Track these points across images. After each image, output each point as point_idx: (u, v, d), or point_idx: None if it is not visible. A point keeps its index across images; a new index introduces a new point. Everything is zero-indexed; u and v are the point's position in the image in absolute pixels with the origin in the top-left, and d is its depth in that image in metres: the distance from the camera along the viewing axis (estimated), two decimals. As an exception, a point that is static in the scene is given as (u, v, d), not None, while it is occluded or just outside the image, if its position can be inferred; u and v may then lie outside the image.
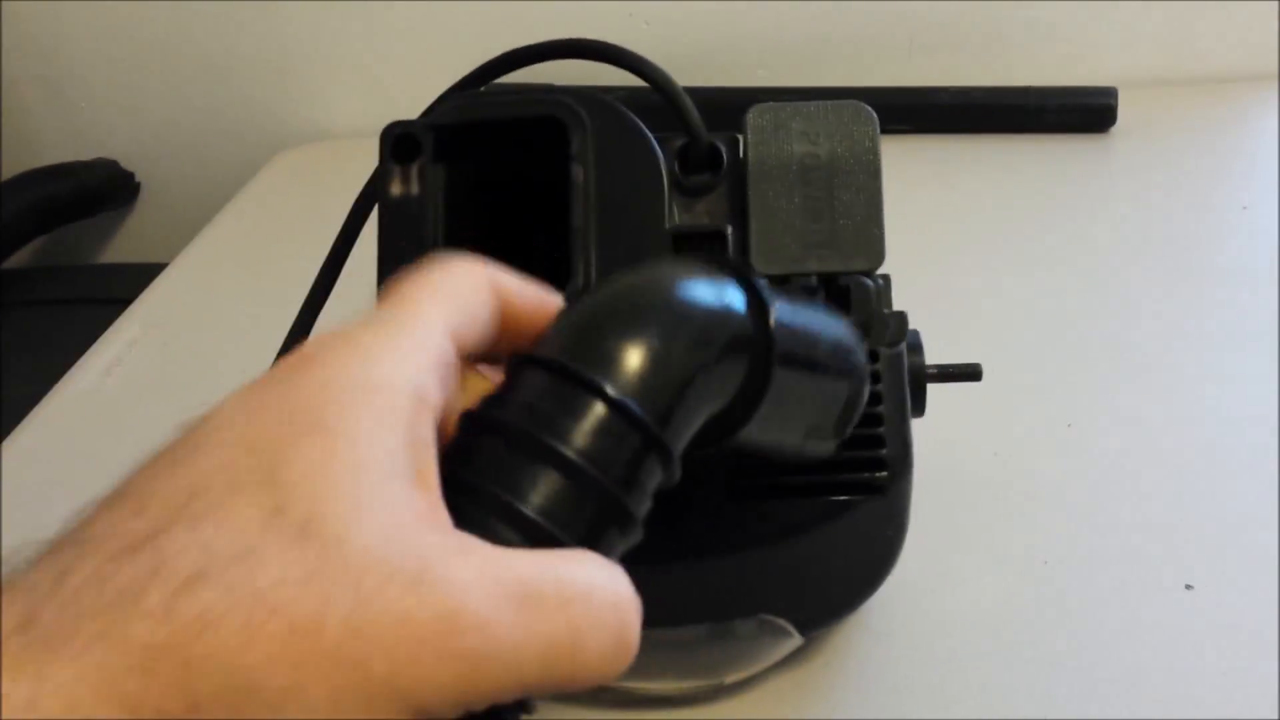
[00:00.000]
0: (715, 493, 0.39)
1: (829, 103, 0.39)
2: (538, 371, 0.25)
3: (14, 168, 1.03)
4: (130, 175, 1.07)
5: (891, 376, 0.40)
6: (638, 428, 0.24)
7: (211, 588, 0.19)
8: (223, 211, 0.92)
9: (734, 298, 0.28)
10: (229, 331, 0.73)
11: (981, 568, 0.49)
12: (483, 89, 0.43)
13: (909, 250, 0.46)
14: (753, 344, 0.28)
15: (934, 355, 0.43)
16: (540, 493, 0.23)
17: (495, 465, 0.23)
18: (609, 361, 0.25)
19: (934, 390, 0.42)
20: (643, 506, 0.25)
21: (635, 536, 0.25)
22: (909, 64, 0.93)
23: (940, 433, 0.44)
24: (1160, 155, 0.81)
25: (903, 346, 0.40)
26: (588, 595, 0.22)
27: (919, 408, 0.42)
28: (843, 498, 0.39)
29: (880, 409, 0.39)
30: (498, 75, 0.43)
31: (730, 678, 0.43)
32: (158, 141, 1.07)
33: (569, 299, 0.28)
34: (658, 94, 0.40)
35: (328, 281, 0.44)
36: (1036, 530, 0.51)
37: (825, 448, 0.35)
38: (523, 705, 0.23)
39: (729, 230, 0.39)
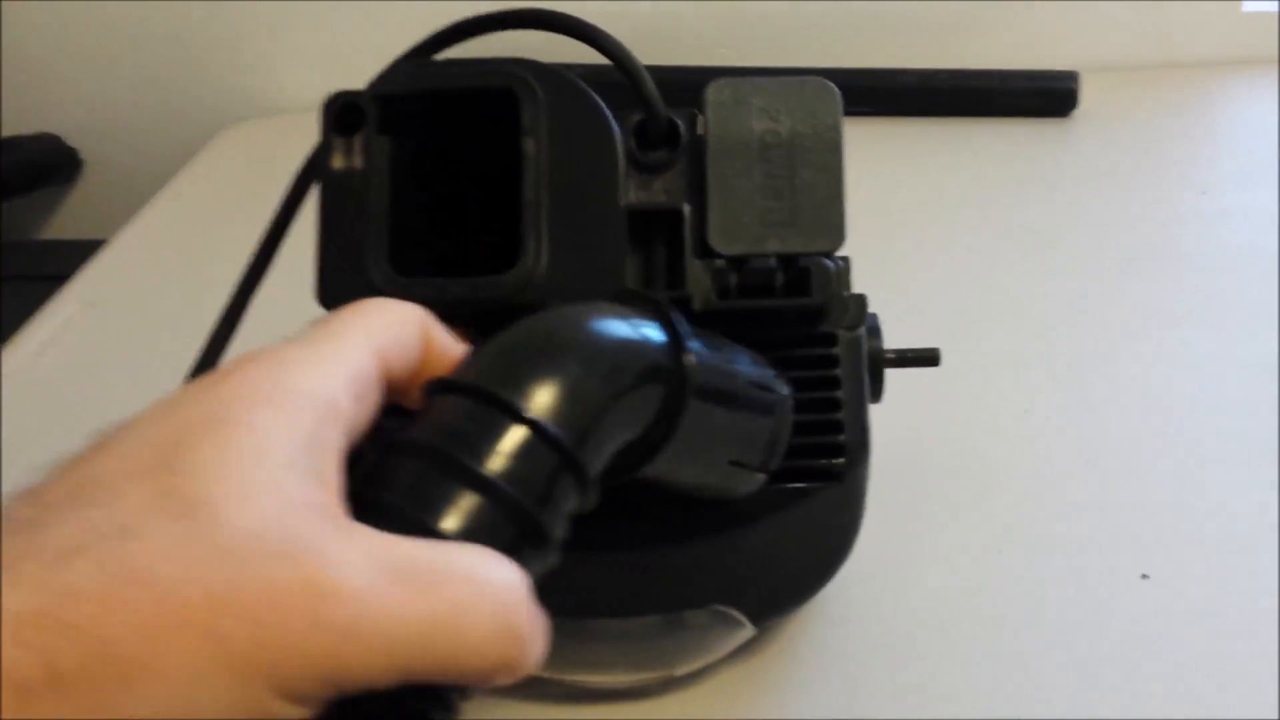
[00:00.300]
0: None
1: (791, 79, 0.38)
2: (454, 395, 0.25)
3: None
4: (73, 151, 1.04)
5: (850, 360, 0.39)
6: (555, 448, 0.24)
7: (86, 561, 0.19)
8: (166, 188, 0.89)
9: (650, 331, 0.29)
10: (169, 311, 0.71)
11: (938, 555, 0.48)
12: (432, 59, 0.41)
13: (868, 233, 0.45)
14: (668, 374, 0.28)
15: (892, 340, 0.42)
16: (456, 512, 0.23)
17: (410, 485, 0.23)
18: (525, 386, 0.25)
19: (891, 375, 0.42)
20: (559, 527, 0.25)
21: (552, 557, 0.25)
22: (871, 45, 0.92)
23: (897, 418, 0.44)
24: (1121, 139, 0.81)
25: (862, 330, 0.39)
26: (470, 577, 0.22)
27: (876, 393, 0.41)
28: (799, 485, 0.38)
29: (838, 394, 0.38)
30: (449, 45, 0.41)
31: (681, 669, 0.42)
32: (102, 115, 1.04)
33: (516, 282, 0.28)
34: (616, 68, 0.39)
35: (264, 259, 0.42)
36: (994, 517, 0.50)
37: (753, 482, 0.36)
38: (447, 702, 0.23)
39: (685, 208, 0.37)
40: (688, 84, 0.40)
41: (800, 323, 0.38)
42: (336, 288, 0.37)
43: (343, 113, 0.37)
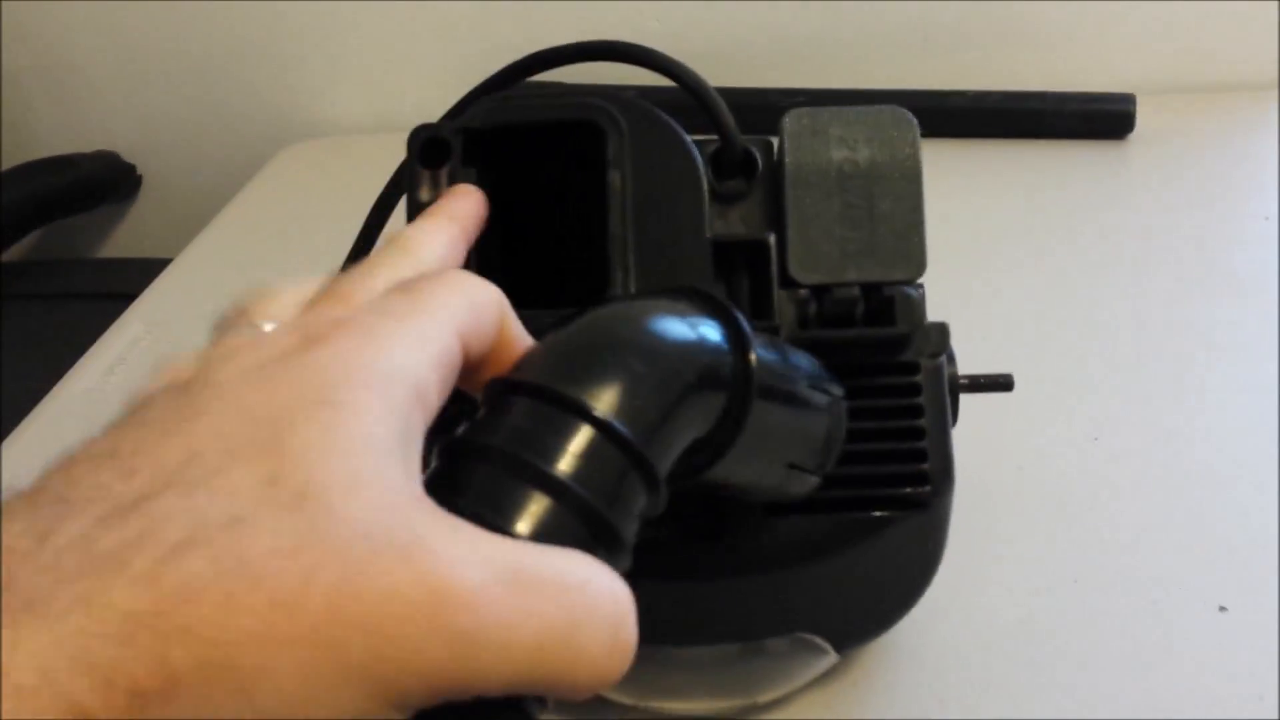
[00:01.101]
0: (754, 508, 0.38)
1: (869, 108, 0.38)
2: (520, 396, 0.25)
3: (14, 160, 1.01)
4: (131, 168, 1.06)
5: (932, 388, 0.39)
6: (622, 447, 0.24)
7: (198, 556, 0.18)
8: (227, 207, 0.91)
9: (713, 331, 0.29)
10: (234, 330, 0.72)
11: (1011, 585, 0.48)
12: (507, 91, 0.42)
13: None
14: (733, 375, 0.28)
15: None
16: (528, 515, 0.23)
17: (479, 489, 0.23)
18: (591, 384, 0.25)
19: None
20: (630, 528, 0.24)
21: (624, 560, 0.24)
22: (924, 66, 0.92)
23: (964, 446, 0.43)
24: (1178, 163, 0.81)
25: (943, 358, 0.39)
26: (584, 585, 0.21)
27: (954, 418, 0.41)
28: (884, 513, 0.38)
29: (921, 422, 0.38)
30: (524, 77, 0.41)
31: (764, 697, 0.42)
32: (161, 135, 1.06)
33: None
34: (692, 98, 0.39)
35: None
36: (1066, 547, 0.50)
37: (807, 484, 0.36)
38: (528, 713, 0.22)
39: (771, 239, 0.38)
40: (738, 105, 0.40)
41: (882, 351, 0.38)
42: None
43: (427, 146, 0.37)
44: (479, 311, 0.25)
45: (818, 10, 0.92)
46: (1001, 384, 0.44)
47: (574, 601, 0.21)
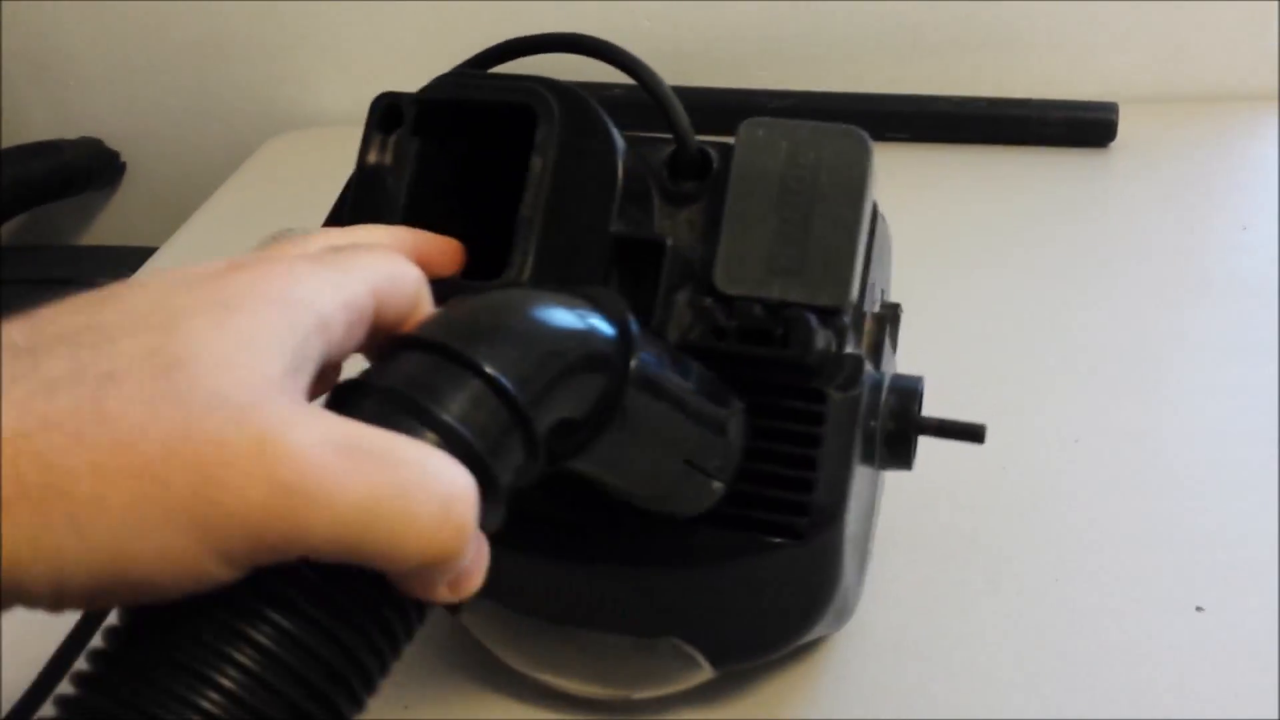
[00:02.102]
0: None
1: (827, 125, 0.37)
2: (414, 350, 0.26)
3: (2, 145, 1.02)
4: (115, 155, 1.06)
5: (840, 421, 0.37)
6: (508, 403, 0.26)
7: (66, 396, 0.21)
8: (213, 197, 0.91)
9: (603, 325, 0.30)
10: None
11: (993, 583, 0.48)
12: (473, 72, 0.42)
13: (902, 260, 0.46)
14: (612, 363, 0.30)
15: (925, 366, 0.42)
16: None
17: (370, 419, 0.24)
18: (483, 346, 0.26)
19: (941, 400, 0.41)
20: (506, 480, 0.26)
21: (498, 512, 0.26)
22: (912, 70, 0.92)
23: (948, 446, 0.43)
24: (1159, 172, 0.81)
25: (858, 392, 0.37)
26: (420, 463, 0.23)
27: (903, 460, 0.40)
28: (759, 534, 0.37)
29: (814, 452, 0.37)
30: (495, 63, 0.42)
31: (639, 694, 0.42)
32: (147, 123, 1.06)
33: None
34: (649, 96, 0.39)
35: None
36: (1046, 546, 0.50)
37: (711, 493, 0.36)
38: (419, 609, 0.24)
39: (668, 242, 0.37)
40: (723, 106, 0.40)
41: (790, 375, 0.37)
42: None
43: (386, 112, 0.38)
44: (396, 281, 0.27)
45: (808, 13, 0.92)
46: (971, 434, 0.41)
47: (405, 475, 0.22)
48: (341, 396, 0.25)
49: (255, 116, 1.03)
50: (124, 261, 0.82)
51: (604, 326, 0.30)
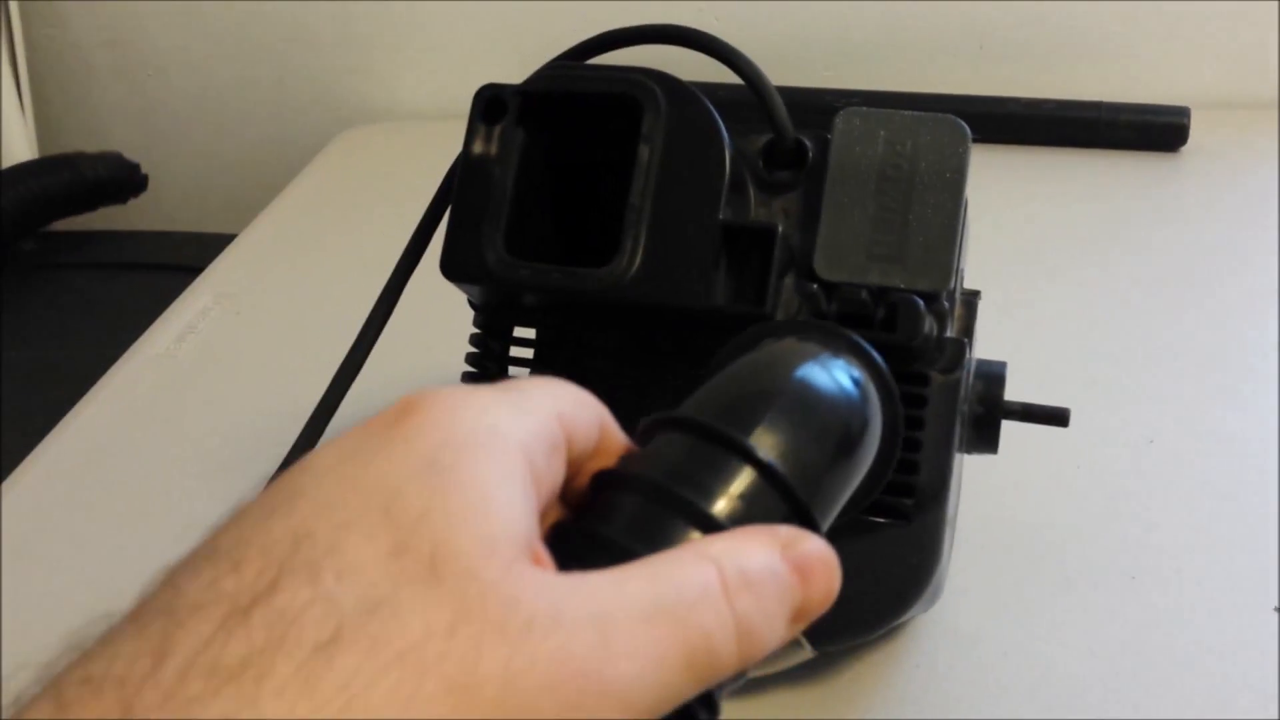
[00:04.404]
0: None
1: (923, 114, 0.38)
2: (674, 432, 0.23)
3: (78, 142, 1.04)
4: (136, 167, 0.99)
5: (941, 404, 0.38)
6: (786, 495, 0.22)
7: (348, 651, 0.17)
8: (289, 187, 0.93)
9: (849, 378, 0.27)
10: (297, 302, 0.75)
11: (1068, 580, 0.49)
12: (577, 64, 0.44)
13: (970, 260, 0.46)
14: (886, 430, 0.28)
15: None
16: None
17: (632, 520, 0.21)
18: (751, 426, 0.22)
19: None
20: None
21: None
22: (980, 72, 0.92)
23: (1019, 444, 0.44)
24: (1231, 177, 0.80)
25: (960, 375, 0.38)
26: (706, 589, 0.21)
27: (990, 444, 0.41)
28: (866, 517, 0.38)
29: (919, 434, 0.38)
30: (593, 54, 0.43)
31: None
32: (219, 114, 1.08)
33: (607, 279, 0.28)
34: (747, 87, 0.40)
35: (419, 246, 0.45)
36: (1121, 545, 0.50)
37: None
38: (710, 704, 0.22)
39: (779, 228, 0.38)
40: (806, 105, 0.42)
41: (893, 359, 0.36)
42: (457, 262, 0.40)
43: (489, 103, 0.40)
44: (579, 407, 0.24)
45: (876, 12, 0.93)
46: (1056, 418, 0.42)
47: (702, 615, 0.20)
48: (596, 498, 0.22)
49: (327, 109, 1.05)
50: (206, 247, 0.84)
51: (850, 378, 0.27)
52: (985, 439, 0.41)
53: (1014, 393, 0.43)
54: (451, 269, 0.40)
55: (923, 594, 0.40)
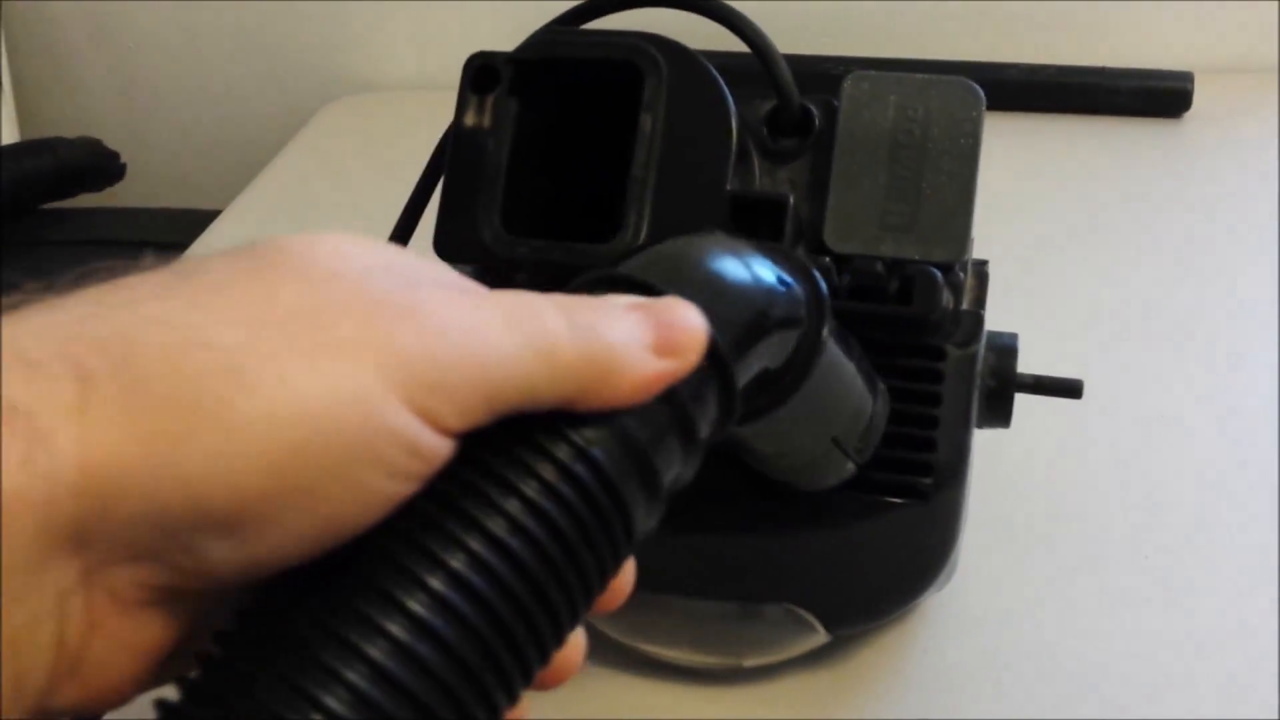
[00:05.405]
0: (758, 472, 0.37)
1: (935, 77, 0.37)
2: (612, 289, 0.25)
3: (59, 117, 1.02)
4: (115, 155, 0.98)
5: (957, 379, 0.37)
6: (711, 354, 0.24)
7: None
8: (274, 160, 0.92)
9: (790, 277, 0.29)
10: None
11: (1077, 559, 0.48)
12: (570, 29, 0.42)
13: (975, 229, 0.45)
14: (809, 322, 0.28)
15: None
16: None
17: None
18: (685, 286, 0.24)
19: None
20: (702, 430, 0.24)
21: (695, 458, 0.24)
22: (981, 37, 0.91)
23: (1029, 421, 0.43)
24: (1236, 143, 0.79)
25: (976, 349, 0.37)
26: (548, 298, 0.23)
27: (1002, 418, 0.40)
28: (882, 498, 0.37)
29: (935, 411, 0.37)
30: (586, 20, 0.41)
31: (749, 661, 0.42)
32: (205, 86, 1.07)
33: (611, 254, 0.28)
34: (751, 51, 0.39)
35: (410, 223, 0.43)
36: (1138, 527, 0.49)
37: (843, 471, 0.35)
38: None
39: (790, 199, 0.36)
40: (804, 73, 0.40)
41: (909, 332, 0.37)
42: (452, 240, 0.38)
43: (480, 72, 0.38)
44: None
45: (874, -22, 0.91)
46: (1069, 389, 0.41)
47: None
48: None
49: (312, 80, 1.03)
50: (194, 222, 0.82)
51: (792, 280, 0.29)
52: (998, 412, 0.40)
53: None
54: (446, 248, 0.38)
55: (941, 573, 0.40)
